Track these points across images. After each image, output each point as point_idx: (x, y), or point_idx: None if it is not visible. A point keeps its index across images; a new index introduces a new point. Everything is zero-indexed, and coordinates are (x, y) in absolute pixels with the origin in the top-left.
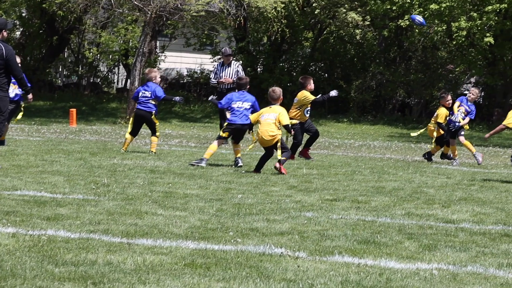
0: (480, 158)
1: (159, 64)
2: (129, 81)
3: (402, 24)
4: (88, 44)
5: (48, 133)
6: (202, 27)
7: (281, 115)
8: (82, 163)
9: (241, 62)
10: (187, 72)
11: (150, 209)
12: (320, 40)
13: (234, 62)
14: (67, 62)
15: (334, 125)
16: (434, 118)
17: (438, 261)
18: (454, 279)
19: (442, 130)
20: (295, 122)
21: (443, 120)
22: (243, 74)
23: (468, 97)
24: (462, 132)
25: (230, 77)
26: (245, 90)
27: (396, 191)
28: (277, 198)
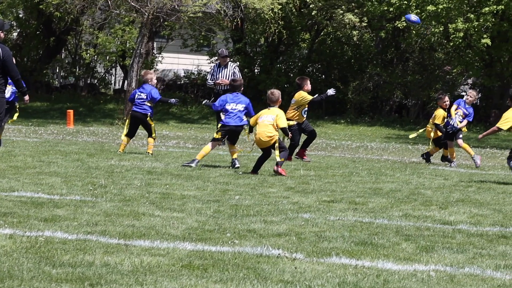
0: (478, 161)
1: (156, 65)
2: (126, 82)
3: (399, 25)
4: (85, 45)
5: (45, 134)
6: (199, 28)
7: (278, 118)
8: (79, 164)
9: (238, 64)
10: (184, 73)
11: (147, 210)
12: (317, 41)
13: (230, 63)
14: (64, 63)
15: (331, 126)
16: (432, 119)
17: (435, 262)
18: (451, 281)
19: (440, 132)
20: (293, 124)
21: (441, 121)
22: (240, 76)
23: (466, 99)
24: (460, 135)
25: (226, 78)
26: (239, 92)
27: (393, 193)
28: (274, 200)
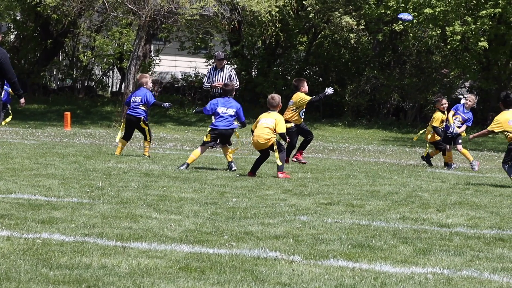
0: (476, 167)
1: (154, 67)
2: (123, 84)
3: (396, 28)
4: (82, 47)
5: (42, 136)
6: (196, 31)
7: (278, 123)
8: (76, 167)
9: (235, 66)
10: (182, 75)
11: (144, 212)
12: (314, 44)
13: (227, 66)
14: (62, 66)
15: (329, 129)
16: (431, 122)
17: (432, 265)
18: (448, 283)
19: (437, 135)
20: (291, 126)
21: (439, 123)
22: (236, 79)
23: (464, 104)
24: (459, 140)
25: (223, 81)
26: (230, 97)
27: (390, 195)
28: (271, 202)
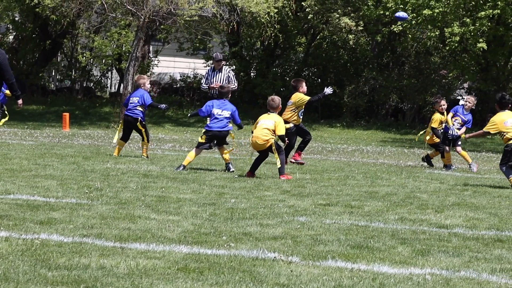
0: (475, 169)
1: (152, 68)
2: (122, 85)
3: (395, 29)
4: (81, 48)
5: (41, 137)
6: (195, 32)
7: (277, 125)
8: (75, 167)
9: (233, 67)
10: (180, 76)
11: (143, 213)
12: (313, 45)
13: (225, 67)
14: (60, 67)
15: (327, 130)
16: (430, 123)
17: (431, 266)
18: (447, 284)
19: (436, 136)
20: (290, 126)
21: (437, 125)
22: (234, 80)
23: (464, 105)
24: (459, 142)
25: (221, 82)
26: (226, 99)
27: (389, 196)
28: (270, 203)
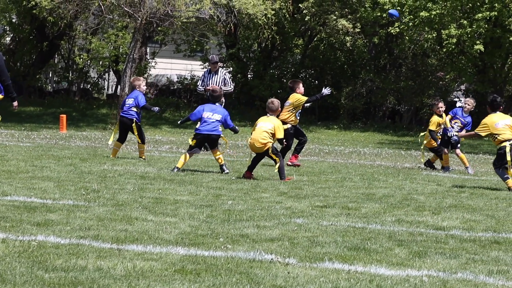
0: (471, 171)
1: (150, 70)
2: (119, 87)
3: (392, 31)
4: (78, 50)
5: (38, 138)
6: (192, 34)
7: (277, 129)
8: (72, 169)
9: (231, 69)
10: (178, 78)
11: (140, 215)
12: (310, 47)
13: (221, 69)
14: (57, 68)
15: (325, 131)
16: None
17: (428, 268)
18: (444, 286)
19: (432, 139)
20: (288, 127)
21: (435, 127)
22: (231, 82)
23: (463, 108)
24: (458, 144)
25: (217, 84)
26: (218, 103)
27: (386, 198)
28: (267, 205)
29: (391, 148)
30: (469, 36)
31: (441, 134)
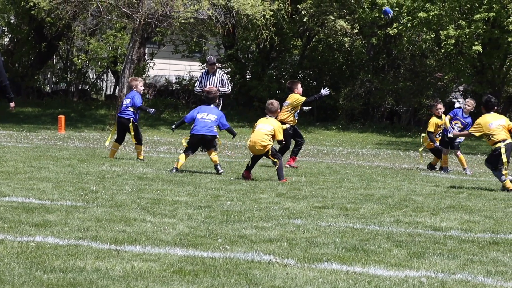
0: (469, 172)
1: (148, 71)
2: (117, 88)
3: (390, 32)
4: (76, 51)
5: (36, 139)
6: (191, 34)
7: (277, 131)
8: (70, 170)
9: (229, 70)
10: (176, 79)
11: (138, 215)
12: (308, 47)
13: (218, 70)
14: (56, 69)
15: (323, 132)
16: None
17: (426, 268)
18: (442, 287)
19: (430, 140)
20: (286, 127)
21: (433, 128)
22: (228, 83)
23: (464, 108)
24: (459, 145)
25: (214, 85)
26: (213, 104)
27: (384, 199)
28: (265, 205)
29: (390, 149)
30: (467, 37)
31: (440, 134)
